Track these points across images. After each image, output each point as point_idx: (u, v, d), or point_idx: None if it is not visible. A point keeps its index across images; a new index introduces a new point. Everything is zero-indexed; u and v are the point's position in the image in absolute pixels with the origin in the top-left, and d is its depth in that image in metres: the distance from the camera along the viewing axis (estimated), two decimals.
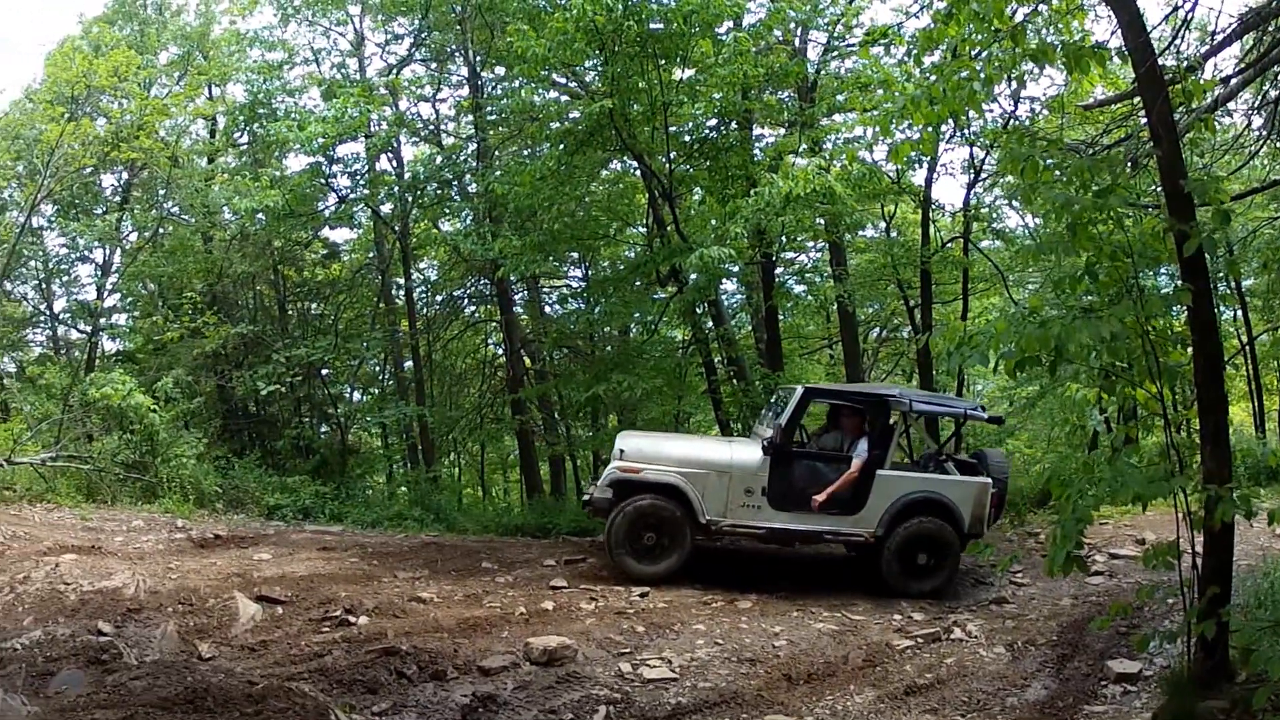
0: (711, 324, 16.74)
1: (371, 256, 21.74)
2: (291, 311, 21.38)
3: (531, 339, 21.20)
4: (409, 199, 19.24)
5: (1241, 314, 18.26)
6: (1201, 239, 5.88)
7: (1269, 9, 8.43)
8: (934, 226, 17.96)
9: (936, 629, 9.30)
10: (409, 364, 21.18)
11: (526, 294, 21.83)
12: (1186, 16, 7.36)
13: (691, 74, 15.06)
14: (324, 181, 19.17)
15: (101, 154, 18.03)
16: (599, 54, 14.27)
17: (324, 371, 20.26)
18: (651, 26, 13.92)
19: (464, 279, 21.94)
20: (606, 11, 13.26)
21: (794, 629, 9.31)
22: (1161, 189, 6.36)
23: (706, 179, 16.14)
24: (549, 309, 22.25)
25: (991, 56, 6.57)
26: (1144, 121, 7.61)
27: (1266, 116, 10.11)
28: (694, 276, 15.47)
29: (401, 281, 20.73)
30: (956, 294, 18.69)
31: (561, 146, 15.52)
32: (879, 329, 23.65)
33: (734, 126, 16.14)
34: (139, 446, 15.30)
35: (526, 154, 18.77)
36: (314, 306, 22.01)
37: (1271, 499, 9.78)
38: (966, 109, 6.71)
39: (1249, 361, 17.42)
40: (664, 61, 14.44)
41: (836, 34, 16.62)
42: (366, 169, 19.06)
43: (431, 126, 20.26)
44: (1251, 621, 7.12)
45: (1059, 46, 6.38)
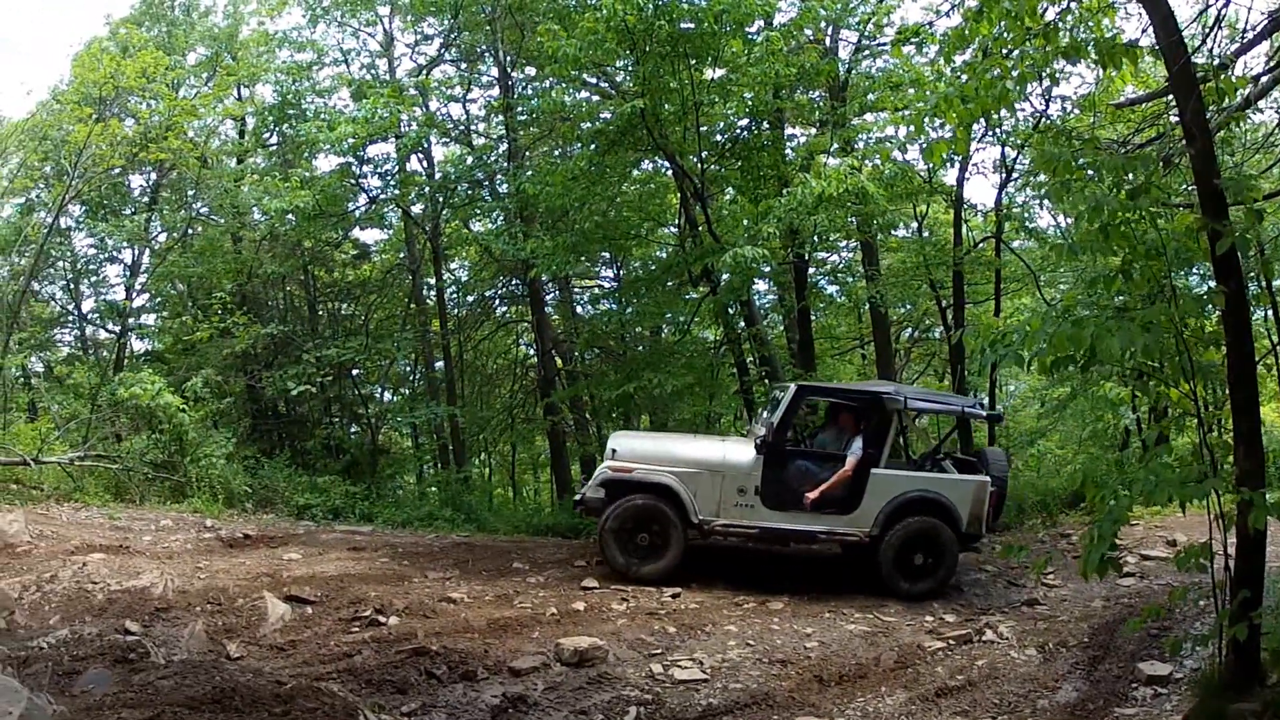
0: (744, 324, 16.70)
1: (402, 257, 21.84)
2: (322, 312, 21.52)
3: (563, 339, 21.20)
4: (440, 199, 19.36)
5: (1273, 314, 18.06)
6: (1235, 238, 5.83)
7: None
8: (966, 226, 17.87)
9: (968, 630, 9.27)
10: (440, 364, 21.21)
11: (558, 294, 21.83)
12: (1219, 14, 7.27)
13: (723, 73, 15.10)
14: (354, 182, 19.34)
15: (130, 155, 18.17)
16: (630, 54, 14.31)
17: (354, 372, 20.40)
18: (682, 26, 13.91)
19: (495, 279, 21.96)
20: (637, 11, 13.31)
21: (826, 630, 9.31)
22: (1195, 188, 6.31)
23: (738, 179, 16.12)
24: (580, 309, 22.25)
25: (1024, 55, 6.54)
26: (1175, 120, 7.54)
27: None
28: (726, 276, 15.44)
29: (432, 282, 20.76)
30: (988, 294, 18.55)
31: (593, 146, 15.61)
32: (911, 329, 23.50)
33: (765, 126, 16.15)
34: (168, 446, 15.36)
35: (558, 154, 18.84)
36: (344, 307, 22.11)
37: None
38: (999, 107, 6.68)
39: None
40: (695, 61, 14.44)
41: (868, 33, 16.57)
42: (397, 169, 19.16)
43: (462, 127, 20.32)
44: None
45: (1090, 43, 6.35)
